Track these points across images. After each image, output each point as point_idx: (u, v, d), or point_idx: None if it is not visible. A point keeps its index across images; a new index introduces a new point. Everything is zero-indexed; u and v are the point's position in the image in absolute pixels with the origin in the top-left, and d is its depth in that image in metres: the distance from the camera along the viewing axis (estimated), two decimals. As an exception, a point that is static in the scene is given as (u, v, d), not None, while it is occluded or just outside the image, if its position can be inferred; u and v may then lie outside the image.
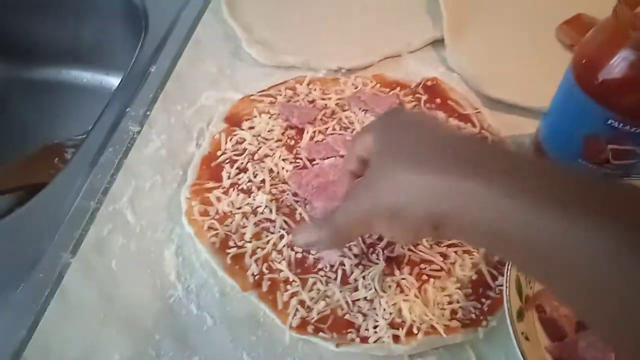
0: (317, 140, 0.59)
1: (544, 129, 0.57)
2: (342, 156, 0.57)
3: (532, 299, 0.47)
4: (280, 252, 0.51)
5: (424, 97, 0.63)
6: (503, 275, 0.47)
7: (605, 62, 0.47)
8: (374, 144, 0.40)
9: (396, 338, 0.45)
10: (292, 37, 0.71)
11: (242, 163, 0.57)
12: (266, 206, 0.53)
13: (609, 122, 0.47)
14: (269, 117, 0.61)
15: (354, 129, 0.60)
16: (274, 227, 0.52)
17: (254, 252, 0.50)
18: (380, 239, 0.51)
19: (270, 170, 0.56)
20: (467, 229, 0.34)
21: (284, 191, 0.55)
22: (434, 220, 0.35)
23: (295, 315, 0.47)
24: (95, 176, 0.58)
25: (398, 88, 0.64)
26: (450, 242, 0.51)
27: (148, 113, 0.63)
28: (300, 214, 0.53)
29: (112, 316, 0.48)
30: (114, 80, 0.96)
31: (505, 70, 0.67)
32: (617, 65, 0.46)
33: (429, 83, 0.64)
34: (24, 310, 0.49)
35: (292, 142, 0.59)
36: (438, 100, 0.63)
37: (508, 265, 0.46)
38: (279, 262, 0.50)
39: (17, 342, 0.47)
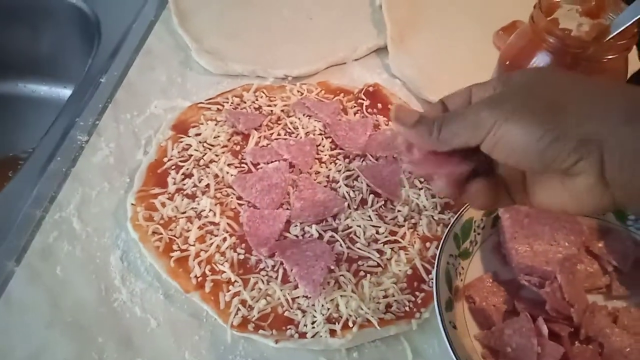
0: (263, 146, 0.61)
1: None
2: (285, 159, 0.59)
3: (462, 290, 0.50)
4: (223, 254, 0.52)
5: (366, 103, 0.65)
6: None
7: (525, 63, 0.50)
8: (499, 85, 0.37)
9: (333, 332, 0.47)
10: (240, 47, 0.73)
11: (187, 169, 0.58)
12: (210, 210, 0.55)
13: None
14: (215, 124, 0.62)
15: (298, 134, 0.62)
16: (218, 229, 0.54)
17: (197, 255, 0.52)
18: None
19: (216, 175, 0.58)
20: (632, 149, 0.31)
21: (228, 195, 0.57)
22: (600, 135, 0.32)
23: (236, 314, 0.48)
24: (42, 185, 0.59)
25: (342, 94, 0.67)
26: (386, 239, 0.53)
27: (97, 122, 0.64)
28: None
29: (58, 321, 0.49)
30: (69, 92, 0.97)
31: (444, 76, 0.70)
32: (535, 66, 0.49)
33: (370, 89, 0.67)
34: (-32, 318, 0.49)
35: (238, 148, 0.61)
36: (379, 105, 0.65)
37: (438, 257, 0.48)
38: (222, 264, 0.51)
39: (-38, 348, 0.47)
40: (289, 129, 0.63)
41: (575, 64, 0.48)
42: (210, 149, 0.60)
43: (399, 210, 0.56)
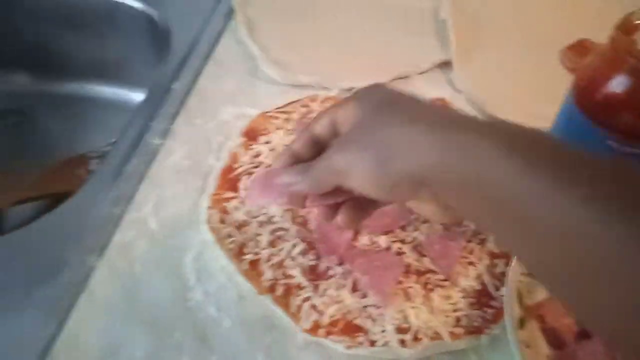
0: (330, 155, 0.63)
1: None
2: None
3: (533, 309, 0.50)
4: (293, 259, 0.54)
5: (432, 116, 0.66)
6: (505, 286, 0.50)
7: (603, 86, 0.50)
8: (358, 111, 0.40)
9: (403, 342, 0.48)
10: (306, 57, 0.75)
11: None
12: (281, 216, 0.57)
13: (608, 143, 0.50)
14: (284, 133, 0.64)
15: (365, 145, 0.64)
16: (288, 235, 0.55)
17: (269, 259, 0.53)
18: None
19: (286, 183, 0.60)
20: (452, 184, 0.35)
21: (298, 202, 0.58)
22: (421, 173, 0.36)
23: (307, 318, 0.50)
24: (120, 185, 0.61)
25: (407, 107, 0.68)
26: (454, 253, 0.54)
27: (171, 126, 0.67)
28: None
29: (136, 316, 0.51)
30: (135, 96, 1.00)
31: (509, 92, 0.70)
32: (614, 89, 0.49)
33: (437, 103, 0.67)
34: (52, 308, 0.52)
35: (307, 157, 0.62)
36: (445, 120, 0.66)
37: (508, 274, 0.49)
38: (293, 269, 0.53)
39: (46, 337, 0.50)
40: (356, 140, 0.64)
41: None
42: (280, 157, 0.62)
43: (466, 225, 0.56)
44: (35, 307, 0.52)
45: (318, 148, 0.44)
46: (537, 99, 0.69)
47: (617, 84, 0.49)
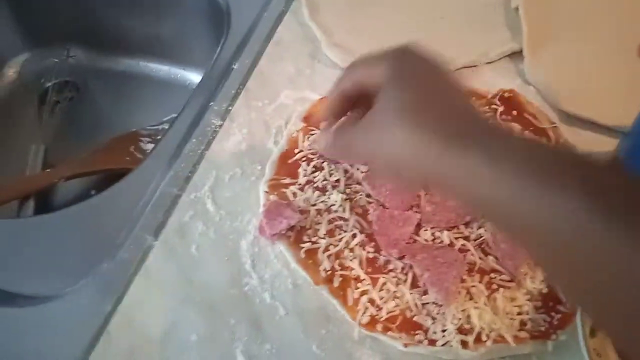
0: (392, 144, 0.61)
1: (626, 148, 0.56)
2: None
3: (604, 317, 0.47)
4: (352, 250, 0.52)
5: (500, 109, 0.63)
6: (575, 291, 0.47)
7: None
8: (387, 78, 0.41)
9: (464, 344, 0.46)
10: (369, 42, 0.72)
11: (318, 162, 0.59)
12: (340, 205, 0.55)
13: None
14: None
15: (428, 136, 0.61)
16: (347, 225, 0.54)
17: (326, 249, 0.52)
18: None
19: (345, 171, 0.58)
20: (457, 193, 0.38)
21: (357, 192, 0.57)
22: (426, 179, 0.39)
23: (364, 312, 0.48)
24: (179, 165, 0.61)
25: (474, 97, 0.65)
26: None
27: (230, 108, 0.66)
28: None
29: (191, 298, 0.51)
30: (190, 75, 1.00)
31: (583, 87, 0.66)
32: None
33: (506, 94, 0.64)
34: (109, 285, 0.52)
35: (367, 145, 0.61)
36: (514, 112, 0.63)
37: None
38: (351, 260, 0.51)
39: (103, 315, 0.50)
40: (419, 129, 0.62)
41: None
42: (340, 144, 0.60)
43: (534, 225, 0.53)
44: (91, 284, 0.52)
45: (350, 103, 0.47)
46: (613, 95, 0.65)
47: None
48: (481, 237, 0.53)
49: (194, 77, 1.00)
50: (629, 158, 0.55)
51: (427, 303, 0.49)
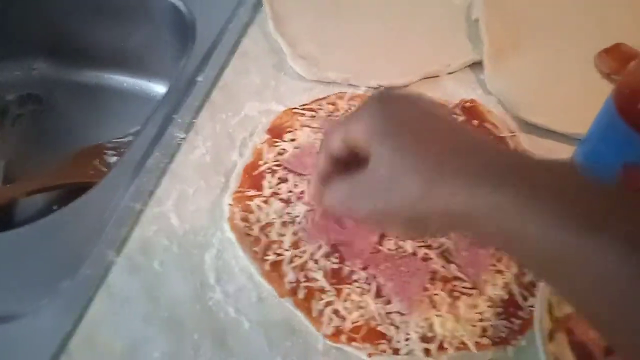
0: (356, 155, 0.61)
1: (581, 155, 0.58)
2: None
3: (562, 321, 0.48)
4: (316, 261, 0.52)
5: (461, 118, 0.64)
6: (534, 296, 0.48)
7: (648, 94, 0.48)
8: (371, 134, 0.37)
9: (427, 351, 0.47)
10: (334, 54, 0.73)
11: (283, 173, 0.59)
12: (304, 216, 0.55)
13: (650, 152, 0.48)
14: (310, 131, 0.63)
15: (391, 146, 0.62)
16: (312, 236, 0.54)
17: (291, 260, 0.52)
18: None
19: (310, 182, 0.58)
20: (485, 234, 0.35)
21: (322, 203, 0.57)
22: (451, 223, 0.36)
23: (329, 323, 0.48)
24: (141, 179, 0.60)
25: (436, 108, 0.66)
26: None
27: (194, 121, 0.66)
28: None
29: (154, 314, 0.50)
30: (155, 87, 1.00)
31: (542, 96, 0.68)
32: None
33: (467, 104, 0.66)
34: (70, 304, 0.51)
35: (332, 156, 0.61)
36: (475, 122, 0.64)
37: (540, 286, 0.47)
38: (315, 272, 0.51)
39: (64, 332, 0.49)
40: (383, 140, 0.63)
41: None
42: (305, 155, 0.60)
43: (495, 232, 0.54)
44: (52, 304, 0.51)
45: (341, 163, 0.42)
46: (570, 103, 0.67)
47: (662, 93, 0.47)
48: (443, 245, 0.53)
49: (160, 88, 0.99)
50: (584, 165, 0.57)
51: (391, 312, 0.49)
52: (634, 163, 0.50)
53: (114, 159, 0.88)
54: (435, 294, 0.50)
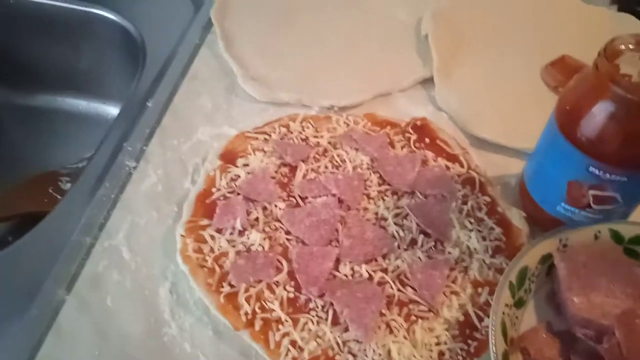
0: (310, 178, 0.61)
1: (529, 171, 0.59)
2: (333, 195, 0.58)
3: (517, 341, 0.49)
4: (273, 291, 0.52)
5: (414, 137, 0.65)
6: (489, 317, 0.49)
7: (587, 112, 0.49)
8: None
9: (385, 379, 0.47)
10: (286, 74, 0.73)
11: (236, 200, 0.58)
12: (259, 244, 0.55)
13: (590, 169, 0.49)
14: (263, 155, 0.62)
15: (345, 167, 0.62)
16: (267, 265, 0.53)
17: (246, 290, 0.51)
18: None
19: (264, 208, 0.58)
20: None
21: (277, 229, 0.56)
22: None
23: (286, 355, 0.48)
24: (91, 211, 0.59)
25: (388, 127, 0.66)
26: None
27: (144, 148, 0.65)
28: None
29: (107, 353, 0.49)
30: (110, 109, 0.98)
31: (491, 111, 0.69)
32: (597, 115, 0.48)
33: (418, 123, 0.66)
34: (18, 346, 0.49)
35: (286, 180, 0.61)
36: (427, 140, 0.65)
37: (494, 307, 0.47)
38: (272, 302, 0.51)
39: (12, 379, 0.47)
40: (336, 162, 0.63)
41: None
42: (258, 181, 0.60)
43: (449, 253, 0.55)
44: (1, 345, 0.49)
45: None
46: (519, 118, 0.68)
47: (601, 111, 0.48)
48: (399, 268, 0.54)
49: (115, 110, 0.97)
50: (530, 179, 0.58)
51: (348, 340, 0.49)
52: (577, 180, 0.51)
53: (69, 185, 0.86)
54: (392, 320, 0.50)
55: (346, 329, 0.50)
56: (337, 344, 0.49)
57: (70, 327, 0.50)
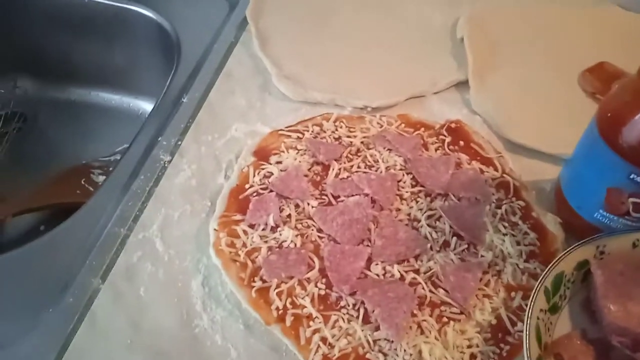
0: (342, 178, 0.61)
1: (566, 176, 0.58)
2: (366, 194, 0.58)
3: (550, 347, 0.48)
4: (304, 287, 0.52)
5: (448, 139, 0.64)
6: (522, 322, 0.48)
7: (630, 119, 0.48)
8: None
9: (416, 379, 0.46)
10: (320, 74, 0.73)
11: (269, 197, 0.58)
12: (291, 241, 0.55)
13: (632, 176, 0.49)
14: (296, 153, 0.62)
15: (378, 168, 0.62)
16: (299, 262, 0.53)
17: (278, 286, 0.52)
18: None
19: (297, 206, 0.58)
20: None
21: (309, 227, 0.56)
22: None
23: (317, 351, 0.48)
24: (126, 203, 0.59)
25: (422, 129, 0.66)
26: (470, 286, 0.52)
27: (179, 142, 0.65)
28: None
29: (139, 343, 0.50)
30: (142, 104, 0.99)
31: (527, 116, 0.68)
32: (641, 123, 0.47)
33: (452, 125, 0.66)
34: (53, 333, 0.50)
35: (318, 178, 0.61)
36: (461, 143, 0.64)
37: (528, 312, 0.47)
38: (303, 298, 0.51)
39: (46, 365, 0.48)
40: (369, 162, 0.63)
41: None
42: (291, 178, 0.60)
43: (482, 256, 0.54)
44: (36, 332, 0.50)
45: None
46: (555, 123, 0.67)
47: (645, 118, 0.47)
48: (431, 269, 0.53)
49: (147, 105, 0.99)
50: (568, 185, 0.57)
51: (379, 339, 0.49)
52: (617, 187, 0.50)
53: (101, 178, 0.88)
54: (424, 320, 0.50)
55: (377, 328, 0.49)
56: (368, 342, 0.48)
57: (104, 317, 0.51)
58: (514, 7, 0.82)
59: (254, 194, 0.59)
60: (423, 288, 0.52)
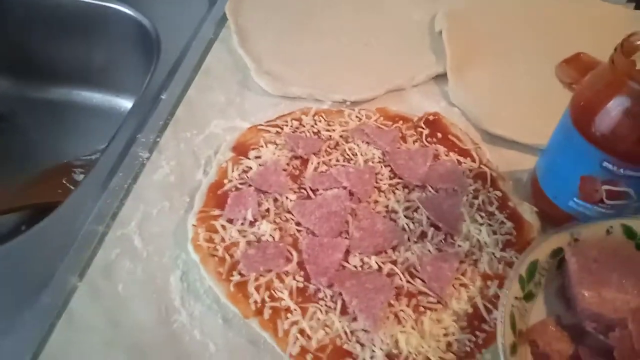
0: (321, 171, 0.61)
1: (541, 166, 0.58)
2: (344, 187, 0.59)
3: (525, 334, 0.48)
4: (282, 280, 0.52)
5: (426, 132, 0.65)
6: (498, 309, 0.48)
7: (602, 107, 0.49)
8: None
9: (393, 369, 0.47)
10: (299, 69, 0.73)
11: (247, 191, 0.58)
12: (270, 235, 0.55)
13: (604, 164, 0.49)
14: (275, 147, 0.63)
15: (356, 161, 0.62)
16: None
17: (256, 279, 0.52)
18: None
19: (275, 200, 0.58)
20: None
21: (287, 220, 0.57)
22: None
23: (295, 343, 0.48)
24: (104, 200, 0.59)
25: (401, 122, 0.66)
26: (447, 275, 0.53)
27: (158, 139, 0.65)
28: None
29: (118, 340, 0.49)
30: (123, 102, 0.99)
31: (504, 107, 0.69)
32: (613, 111, 0.48)
33: (430, 117, 0.66)
34: (30, 333, 0.50)
35: (297, 172, 0.61)
36: (439, 135, 0.65)
37: (502, 298, 0.47)
38: (281, 291, 0.51)
39: (23, 364, 0.48)
40: (348, 155, 0.63)
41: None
42: (269, 173, 0.60)
43: (459, 246, 0.55)
44: (12, 332, 0.50)
45: None
46: (532, 114, 0.68)
47: (616, 106, 0.48)
48: (408, 260, 0.54)
49: (128, 103, 0.98)
50: (543, 174, 0.58)
51: (357, 330, 0.49)
52: (591, 175, 0.51)
53: (82, 177, 0.87)
54: (401, 310, 0.50)
55: (354, 319, 0.50)
56: (345, 333, 0.49)
57: (82, 314, 0.51)
58: (492, 0, 0.83)
59: (233, 189, 0.59)
60: (400, 279, 0.52)
